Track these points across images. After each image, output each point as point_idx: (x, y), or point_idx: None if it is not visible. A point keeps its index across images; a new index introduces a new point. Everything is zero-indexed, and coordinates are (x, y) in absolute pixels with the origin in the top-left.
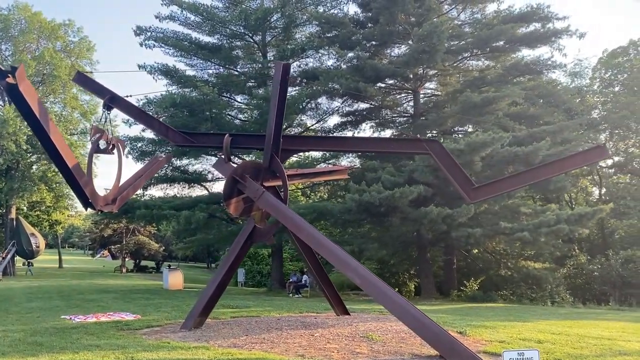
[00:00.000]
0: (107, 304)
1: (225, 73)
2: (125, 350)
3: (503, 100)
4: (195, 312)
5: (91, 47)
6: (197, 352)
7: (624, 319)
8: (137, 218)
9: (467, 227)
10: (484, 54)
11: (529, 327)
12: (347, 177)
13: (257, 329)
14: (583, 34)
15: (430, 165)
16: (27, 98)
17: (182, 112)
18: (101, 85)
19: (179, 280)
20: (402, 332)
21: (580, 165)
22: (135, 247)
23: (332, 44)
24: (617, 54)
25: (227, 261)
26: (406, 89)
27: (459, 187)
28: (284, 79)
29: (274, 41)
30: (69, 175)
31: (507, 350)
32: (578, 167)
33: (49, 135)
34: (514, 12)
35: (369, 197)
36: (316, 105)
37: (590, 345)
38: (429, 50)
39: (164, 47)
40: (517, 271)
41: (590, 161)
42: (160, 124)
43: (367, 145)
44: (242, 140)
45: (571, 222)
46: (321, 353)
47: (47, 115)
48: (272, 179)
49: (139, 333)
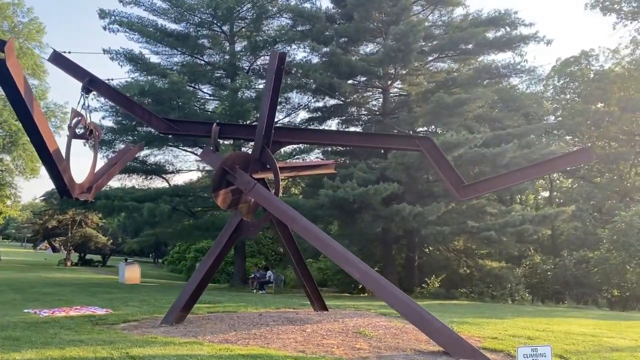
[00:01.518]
0: (69, 298)
1: (192, 62)
2: (114, 345)
3: (475, 102)
4: (176, 307)
5: (41, 29)
6: (193, 348)
7: (588, 316)
8: (97, 209)
9: (436, 225)
10: (453, 56)
11: (509, 324)
12: (334, 171)
13: (242, 324)
14: (550, 40)
15: (402, 163)
16: (14, 75)
17: (147, 101)
18: (79, 66)
19: (136, 275)
20: (392, 328)
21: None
22: (81, 240)
23: (304, 38)
24: (570, 62)
25: (211, 255)
26: (376, 87)
27: (449, 185)
28: (279, 68)
29: (243, 32)
30: (49, 159)
31: (522, 346)
32: (565, 168)
33: (32, 116)
34: (482, 17)
35: (344, 194)
36: (286, 100)
37: (579, 341)
38: (404, 49)
39: (129, 32)
40: (478, 269)
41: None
42: (143, 110)
43: (358, 140)
44: (230, 130)
45: (535, 222)
46: (321, 349)
47: (32, 94)
48: (261, 170)
49: (117, 328)
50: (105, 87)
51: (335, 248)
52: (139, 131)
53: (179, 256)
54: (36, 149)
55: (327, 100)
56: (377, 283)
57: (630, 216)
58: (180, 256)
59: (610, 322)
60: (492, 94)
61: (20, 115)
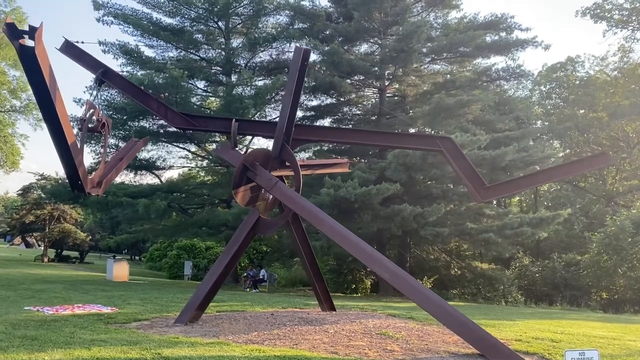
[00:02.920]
0: (65, 295)
1: (187, 57)
2: (142, 346)
3: (476, 104)
4: (191, 306)
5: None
6: (223, 349)
7: (590, 319)
8: (90, 205)
9: (434, 226)
10: (450, 58)
11: (523, 326)
12: (348, 170)
13: (259, 324)
14: (548, 45)
15: (404, 163)
16: (41, 63)
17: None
18: (92, 57)
19: (124, 272)
20: (413, 329)
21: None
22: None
23: (303, 36)
24: (556, 68)
25: (228, 253)
26: (373, 87)
27: (470, 186)
28: (302, 64)
29: (239, 28)
30: (66, 152)
31: (569, 350)
32: (585, 171)
33: (55, 106)
34: (479, 20)
35: (345, 193)
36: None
37: (605, 344)
38: (407, 49)
39: (123, 24)
40: (471, 271)
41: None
42: (159, 104)
43: (378, 139)
44: (248, 126)
45: (533, 225)
46: (353, 351)
47: (56, 84)
48: (280, 168)
49: (131, 327)
50: (119, 79)
51: (363, 248)
52: (130, 126)
53: (159, 254)
54: (54, 139)
55: (323, 99)
56: (409, 284)
57: (622, 220)
58: (162, 254)
59: (616, 324)
60: (493, 97)
61: (42, 104)
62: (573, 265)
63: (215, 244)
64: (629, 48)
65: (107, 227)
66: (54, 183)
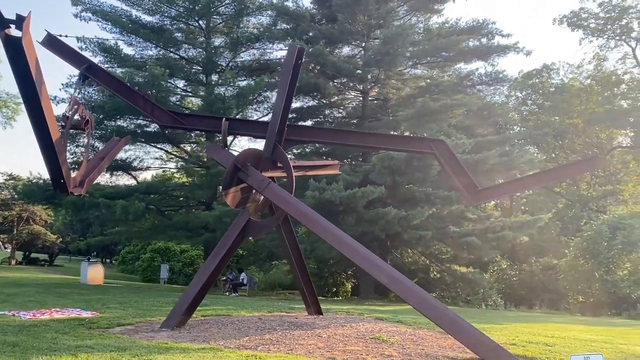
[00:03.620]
0: (40, 299)
1: (167, 56)
2: (132, 352)
3: (459, 108)
4: (178, 311)
5: None
6: (218, 355)
7: (573, 322)
8: (65, 206)
9: (417, 230)
10: (432, 62)
11: (512, 329)
12: (338, 172)
13: (249, 329)
14: (530, 51)
15: (388, 166)
16: (28, 55)
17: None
18: (77, 51)
19: (99, 275)
20: (406, 333)
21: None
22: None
23: (286, 37)
24: (532, 75)
25: (216, 256)
26: (356, 89)
27: (462, 188)
28: (297, 63)
29: (220, 27)
30: (50, 149)
31: (574, 354)
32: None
33: (40, 101)
34: (461, 26)
35: (330, 195)
36: (265, 99)
37: (598, 348)
38: (392, 52)
39: (102, 21)
40: (451, 274)
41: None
42: (146, 101)
43: (371, 141)
44: (239, 125)
45: (514, 228)
46: (350, 356)
47: (42, 77)
48: (271, 169)
49: (115, 332)
50: (104, 74)
51: (360, 252)
52: (106, 125)
53: (132, 256)
54: (38, 136)
55: (306, 101)
56: (408, 289)
57: (599, 225)
58: (134, 256)
59: (600, 328)
60: (477, 101)
61: (26, 98)
62: (550, 269)
63: (190, 247)
64: (604, 56)
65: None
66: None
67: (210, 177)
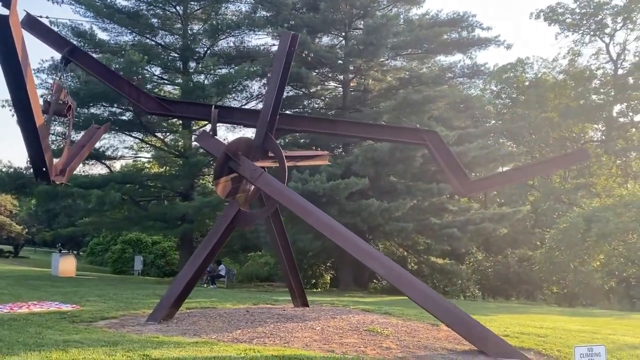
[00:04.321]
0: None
1: (143, 42)
2: (124, 347)
3: (442, 100)
4: (165, 303)
5: None
6: (214, 349)
7: (553, 312)
8: (38, 196)
9: (399, 222)
10: (413, 54)
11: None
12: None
13: (239, 322)
14: (510, 45)
15: (372, 158)
16: (15, 35)
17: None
18: (58, 34)
19: (71, 267)
20: (398, 325)
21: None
22: None
23: (267, 25)
24: (506, 69)
25: (205, 248)
26: (337, 80)
27: (454, 179)
28: (290, 50)
29: (199, 14)
30: (33, 135)
31: (578, 345)
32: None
33: (25, 83)
34: (442, 18)
35: (313, 187)
36: (244, 87)
37: (590, 339)
38: (375, 43)
39: (75, 4)
40: (429, 266)
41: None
42: (131, 86)
43: (362, 131)
44: (227, 114)
45: (494, 220)
46: (349, 349)
47: (28, 58)
48: (262, 158)
49: (100, 326)
50: (87, 58)
51: (356, 243)
52: (79, 112)
53: (101, 248)
54: (22, 120)
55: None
56: (406, 280)
57: (574, 217)
58: (104, 248)
59: (582, 318)
60: (459, 93)
61: (10, 81)
62: (525, 261)
63: (162, 239)
64: (578, 52)
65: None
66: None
67: (189, 166)
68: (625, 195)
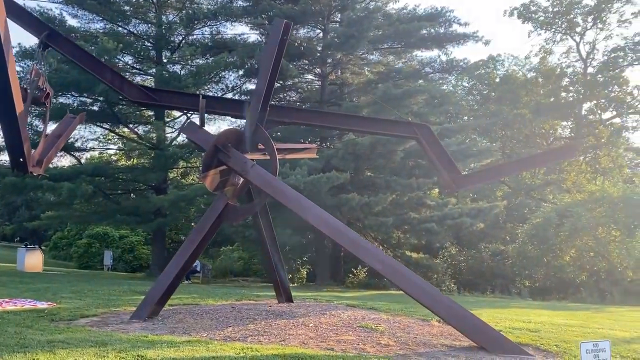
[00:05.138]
0: None
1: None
2: (114, 347)
3: (422, 94)
4: (150, 300)
5: None
6: (212, 348)
7: (533, 306)
8: (3, 188)
9: (378, 216)
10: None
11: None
12: (316, 156)
13: (227, 319)
14: (488, 41)
15: (353, 152)
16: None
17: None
18: (36, 17)
19: (38, 262)
20: (391, 321)
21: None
22: None
23: (245, 15)
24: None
25: (192, 242)
26: (314, 73)
27: (445, 174)
28: (282, 39)
29: (174, 3)
30: (13, 123)
31: (584, 341)
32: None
33: (7, 68)
34: (419, 12)
35: (294, 181)
36: (220, 79)
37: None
38: (357, 35)
39: None
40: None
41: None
42: (114, 74)
43: (353, 124)
44: (216, 104)
45: (472, 215)
46: (348, 346)
47: (10, 43)
48: (251, 150)
49: (82, 324)
50: (67, 43)
51: (351, 237)
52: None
53: (65, 242)
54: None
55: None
56: (403, 275)
57: (548, 212)
58: (68, 242)
59: (563, 312)
60: (440, 88)
61: None
62: (498, 255)
63: (130, 233)
64: (550, 50)
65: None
66: None
67: (165, 159)
68: (596, 191)
